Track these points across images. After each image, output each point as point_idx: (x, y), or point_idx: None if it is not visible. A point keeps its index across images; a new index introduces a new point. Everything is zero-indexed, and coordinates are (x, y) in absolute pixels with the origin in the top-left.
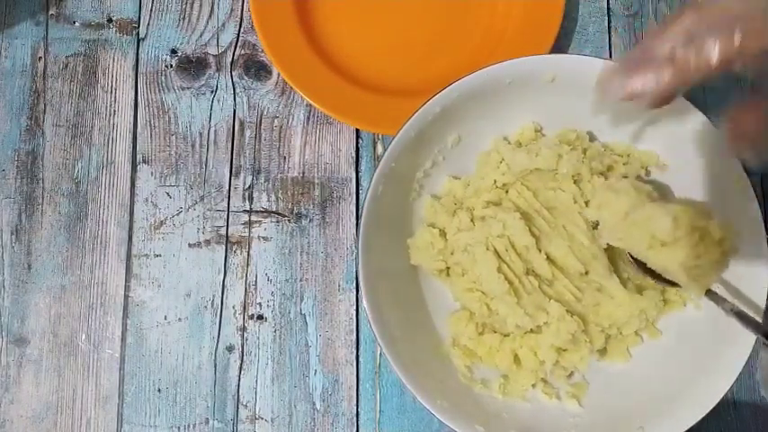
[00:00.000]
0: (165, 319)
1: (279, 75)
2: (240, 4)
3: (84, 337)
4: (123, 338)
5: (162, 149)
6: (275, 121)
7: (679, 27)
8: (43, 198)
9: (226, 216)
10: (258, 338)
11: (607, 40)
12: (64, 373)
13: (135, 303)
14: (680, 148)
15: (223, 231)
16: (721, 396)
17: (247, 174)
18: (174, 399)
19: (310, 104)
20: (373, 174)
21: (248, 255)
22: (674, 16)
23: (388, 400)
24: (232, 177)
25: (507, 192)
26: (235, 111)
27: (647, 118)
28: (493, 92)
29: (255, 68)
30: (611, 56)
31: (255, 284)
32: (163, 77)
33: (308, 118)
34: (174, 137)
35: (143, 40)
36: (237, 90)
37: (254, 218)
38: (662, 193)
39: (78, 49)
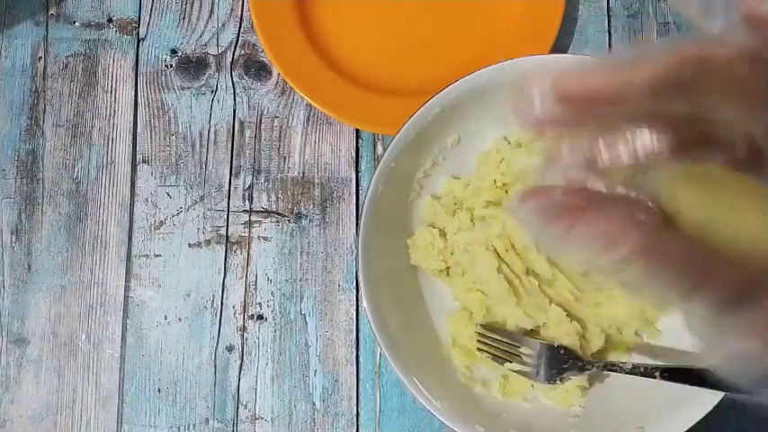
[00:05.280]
0: (165, 319)
1: (279, 75)
2: (240, 4)
3: (84, 337)
4: (123, 338)
5: (162, 149)
6: (275, 121)
7: None
8: (43, 198)
9: (226, 216)
10: (258, 338)
11: (607, 40)
12: (64, 373)
13: (135, 303)
14: None
15: (223, 231)
16: (722, 396)
17: (247, 174)
18: (174, 399)
19: (310, 104)
20: (373, 174)
21: (248, 255)
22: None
23: (388, 400)
24: (232, 177)
25: (507, 192)
26: (235, 111)
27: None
28: (493, 92)
29: (255, 68)
30: None
31: (255, 284)
32: (163, 77)
33: (308, 118)
34: (174, 137)
35: (143, 40)
36: (237, 90)
37: (254, 218)
38: None
39: (78, 49)
